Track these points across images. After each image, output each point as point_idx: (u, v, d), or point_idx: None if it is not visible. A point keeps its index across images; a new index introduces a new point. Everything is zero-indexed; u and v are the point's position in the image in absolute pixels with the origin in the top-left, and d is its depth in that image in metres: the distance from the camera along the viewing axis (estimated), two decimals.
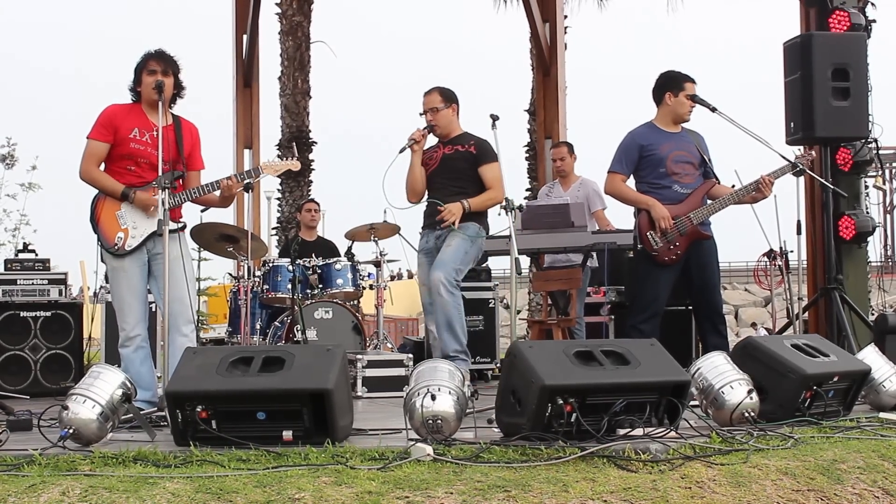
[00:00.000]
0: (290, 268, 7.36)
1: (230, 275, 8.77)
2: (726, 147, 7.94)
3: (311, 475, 3.21)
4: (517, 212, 5.40)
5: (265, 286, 7.43)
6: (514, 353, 3.90)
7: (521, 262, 5.24)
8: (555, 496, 3.12)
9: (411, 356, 6.55)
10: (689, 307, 6.57)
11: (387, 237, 7.70)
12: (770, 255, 7.05)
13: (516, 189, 13.60)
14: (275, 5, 12.91)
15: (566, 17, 13.00)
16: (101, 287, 7.20)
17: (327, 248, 8.34)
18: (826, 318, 6.90)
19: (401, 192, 6.03)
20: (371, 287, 7.76)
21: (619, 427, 3.71)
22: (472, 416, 4.01)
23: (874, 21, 7.28)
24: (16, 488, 3.11)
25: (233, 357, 3.93)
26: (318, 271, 7.48)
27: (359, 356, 6.43)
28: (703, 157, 5.91)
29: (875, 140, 7.08)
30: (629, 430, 3.70)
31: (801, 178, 6.57)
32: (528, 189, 13.22)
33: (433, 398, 3.73)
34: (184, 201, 5.19)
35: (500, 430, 3.98)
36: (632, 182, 5.95)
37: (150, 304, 5.49)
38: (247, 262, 7.24)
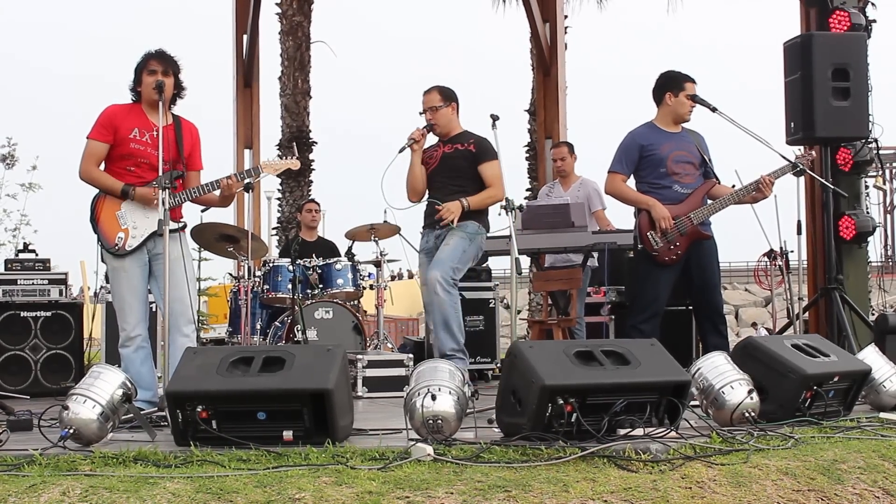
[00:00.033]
0: (291, 268, 7.36)
1: (230, 275, 8.78)
2: (726, 147, 7.94)
3: (312, 475, 3.21)
4: (517, 212, 5.39)
5: (265, 286, 7.44)
6: (514, 353, 3.90)
7: (522, 262, 5.25)
8: (555, 496, 3.12)
9: (412, 356, 6.55)
10: (690, 307, 6.56)
11: (387, 237, 7.70)
12: (770, 255, 7.05)
13: (516, 189, 13.64)
14: (275, 5, 12.92)
15: (566, 17, 13.01)
16: (101, 287, 7.20)
17: (328, 249, 8.34)
18: (826, 319, 6.89)
19: (401, 192, 6.03)
20: (371, 287, 7.77)
21: (620, 427, 3.71)
22: (473, 416, 4.01)
23: (874, 21, 7.28)
24: (16, 488, 3.11)
25: (233, 357, 3.93)
26: (319, 271, 7.49)
27: (359, 356, 6.43)
28: (704, 157, 5.91)
29: (875, 140, 7.07)
30: (629, 430, 3.70)
31: (802, 178, 6.56)
32: (528, 189, 13.23)
33: (433, 398, 3.73)
34: (184, 201, 5.18)
35: (500, 430, 3.98)
36: (632, 182, 5.95)
37: (151, 304, 5.48)
38: (247, 262, 7.25)
